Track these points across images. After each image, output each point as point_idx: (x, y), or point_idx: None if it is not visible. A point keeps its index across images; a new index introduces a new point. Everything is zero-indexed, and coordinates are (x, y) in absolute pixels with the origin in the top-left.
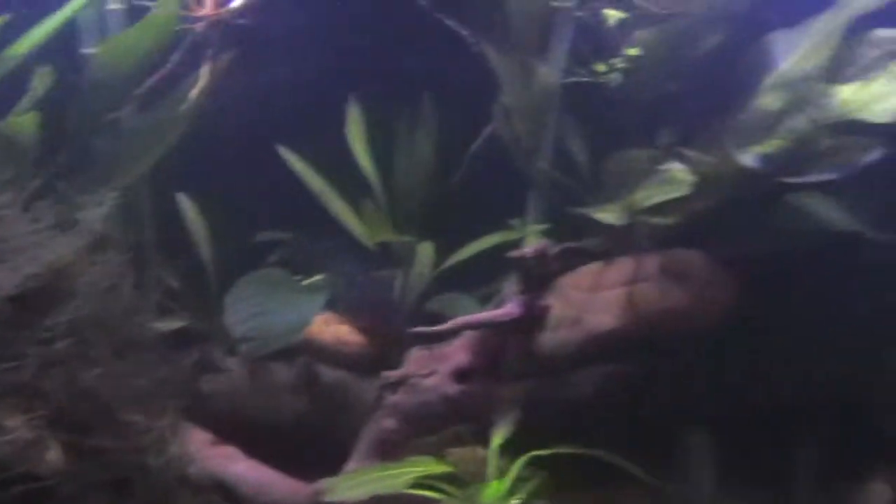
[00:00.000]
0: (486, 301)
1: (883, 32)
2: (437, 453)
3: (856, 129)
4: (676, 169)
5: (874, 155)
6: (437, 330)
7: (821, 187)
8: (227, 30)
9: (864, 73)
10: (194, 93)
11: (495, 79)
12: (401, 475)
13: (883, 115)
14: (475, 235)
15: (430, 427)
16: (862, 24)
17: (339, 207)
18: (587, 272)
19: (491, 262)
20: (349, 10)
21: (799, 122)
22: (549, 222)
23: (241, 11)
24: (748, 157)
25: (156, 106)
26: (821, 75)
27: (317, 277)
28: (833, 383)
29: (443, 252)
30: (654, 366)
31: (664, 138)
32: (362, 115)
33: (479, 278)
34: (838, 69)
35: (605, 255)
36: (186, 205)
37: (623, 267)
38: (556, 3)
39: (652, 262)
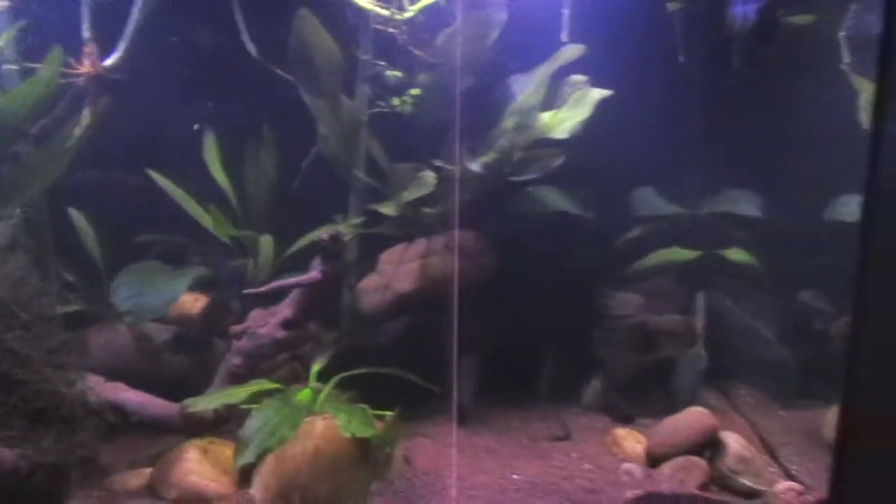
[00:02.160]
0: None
1: (575, 77)
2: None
3: (548, 143)
4: (427, 175)
5: (558, 161)
6: (260, 291)
7: (549, 181)
8: (102, 82)
9: (561, 104)
10: (77, 131)
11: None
12: (242, 392)
13: (563, 133)
14: (309, 230)
15: (266, 361)
16: (565, 71)
17: (195, 211)
18: (395, 251)
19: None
20: (200, 62)
21: (507, 141)
22: (363, 216)
23: (113, 68)
24: (475, 165)
25: (47, 142)
26: (539, 106)
27: (183, 264)
28: (558, 321)
29: (285, 244)
30: (439, 315)
31: (430, 153)
32: (216, 142)
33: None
34: (551, 102)
35: (405, 237)
36: (77, 216)
37: (419, 245)
38: (361, 56)
39: (438, 241)
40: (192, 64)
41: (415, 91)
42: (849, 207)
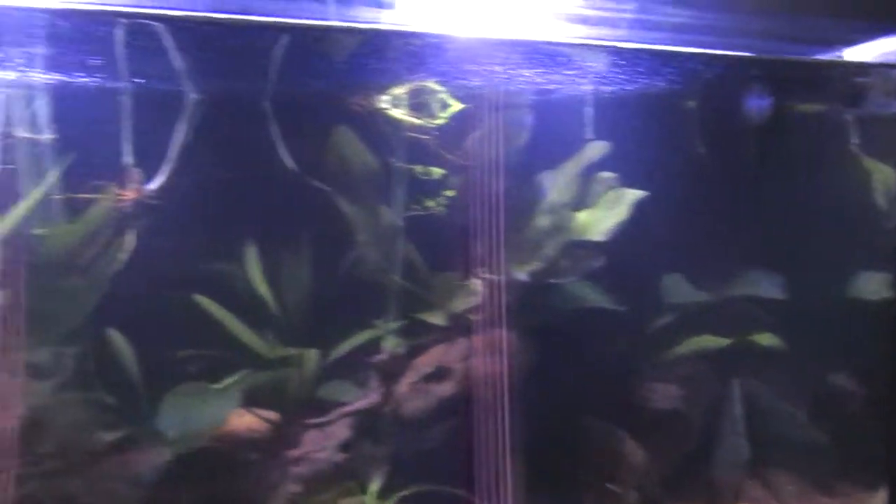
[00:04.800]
0: (360, 385)
1: (603, 174)
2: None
3: (586, 245)
4: (474, 283)
5: (599, 263)
6: (324, 420)
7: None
8: (146, 206)
9: (593, 202)
10: (122, 256)
11: (343, 219)
12: None
13: (601, 235)
14: (346, 334)
15: (325, 487)
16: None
17: (240, 332)
18: (434, 353)
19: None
20: (236, 180)
21: (552, 247)
22: (401, 321)
23: (156, 192)
24: (521, 274)
25: (91, 268)
26: (570, 204)
27: (227, 381)
28: (598, 415)
29: (323, 345)
30: (483, 418)
31: (467, 256)
32: (257, 255)
33: (354, 366)
34: (582, 199)
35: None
36: (117, 338)
37: (458, 347)
38: (396, 163)
39: (478, 342)
40: (230, 180)
41: (449, 192)
42: (869, 286)
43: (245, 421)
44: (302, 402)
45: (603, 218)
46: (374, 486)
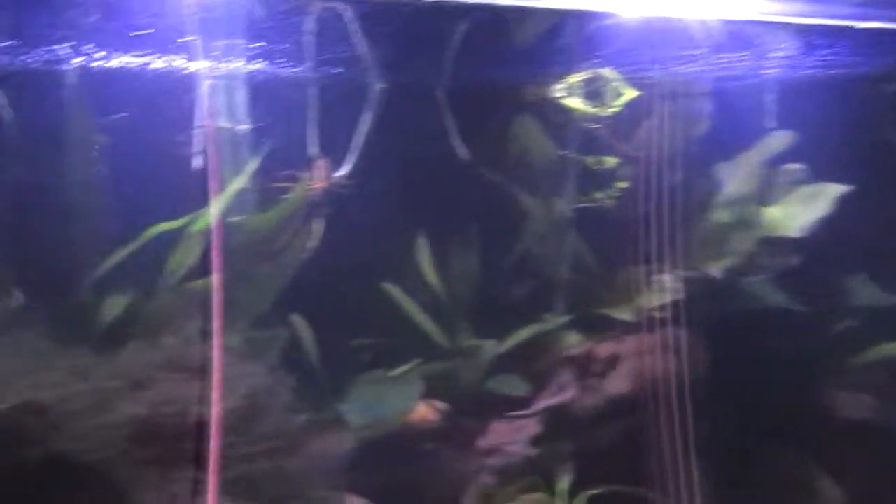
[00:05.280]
0: (529, 380)
1: (789, 165)
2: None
3: (780, 242)
4: (665, 279)
5: (794, 261)
6: (525, 413)
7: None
8: (332, 195)
9: (780, 195)
10: (310, 244)
11: (514, 211)
12: None
13: (796, 231)
14: (514, 327)
15: (515, 481)
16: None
17: (422, 321)
18: (607, 346)
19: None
20: (412, 167)
21: (740, 242)
22: (569, 315)
23: (342, 181)
24: (715, 270)
25: (281, 256)
26: (753, 198)
27: (402, 369)
28: (779, 421)
29: (490, 337)
30: (655, 418)
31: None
32: (427, 244)
33: (518, 359)
34: (764, 193)
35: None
36: (299, 323)
37: (628, 344)
38: (569, 154)
39: (652, 339)
40: (406, 169)
41: (620, 183)
42: None
43: (421, 411)
44: (471, 394)
45: (798, 213)
46: (563, 483)
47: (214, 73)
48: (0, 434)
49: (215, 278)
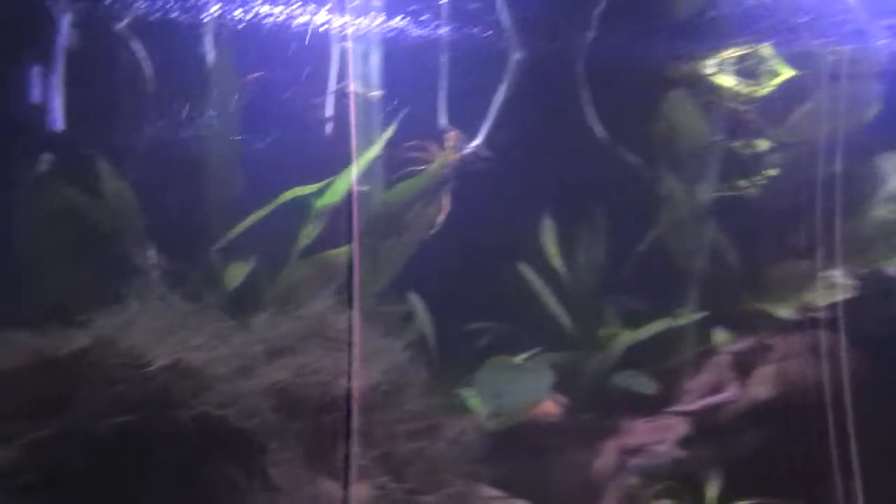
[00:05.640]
0: (656, 376)
1: None
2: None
3: None
4: (837, 275)
5: None
6: (689, 410)
7: None
8: (463, 168)
9: None
10: (439, 218)
11: (651, 195)
12: None
13: None
14: (642, 320)
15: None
16: None
17: (552, 305)
18: (759, 345)
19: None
20: (544, 149)
21: None
22: (705, 310)
23: (474, 154)
24: (892, 269)
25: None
26: None
27: (524, 356)
28: None
29: (617, 328)
30: (803, 427)
31: (797, 242)
32: (552, 226)
33: (649, 355)
34: None
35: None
36: (417, 302)
37: (790, 343)
38: (714, 139)
39: (814, 339)
40: (538, 147)
41: (769, 171)
42: None
43: (544, 404)
44: (595, 389)
45: None
46: (713, 489)
47: (352, 31)
48: (152, 394)
49: (354, 248)
